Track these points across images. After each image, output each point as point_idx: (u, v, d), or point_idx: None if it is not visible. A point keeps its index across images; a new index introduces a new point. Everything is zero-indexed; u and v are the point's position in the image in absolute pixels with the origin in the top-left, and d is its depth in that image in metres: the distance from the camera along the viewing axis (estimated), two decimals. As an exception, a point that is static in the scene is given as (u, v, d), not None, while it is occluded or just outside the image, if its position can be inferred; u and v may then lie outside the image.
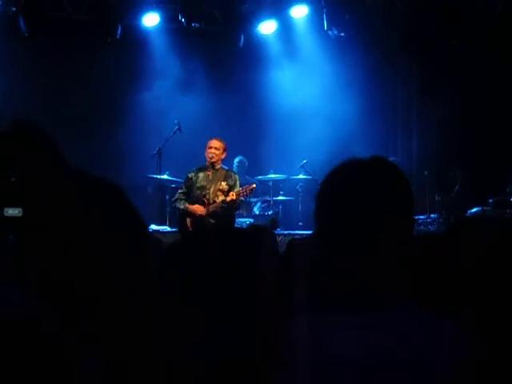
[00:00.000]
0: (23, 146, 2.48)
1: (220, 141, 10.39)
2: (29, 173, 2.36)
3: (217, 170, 10.35)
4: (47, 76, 12.54)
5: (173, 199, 10.63)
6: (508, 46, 12.03)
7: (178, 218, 10.40)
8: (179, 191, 10.49)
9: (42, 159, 2.45)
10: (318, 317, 1.78)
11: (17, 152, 2.45)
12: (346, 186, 1.86)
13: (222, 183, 10.23)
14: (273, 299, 3.18)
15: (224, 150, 10.38)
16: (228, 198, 10.04)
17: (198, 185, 10.27)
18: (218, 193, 10.18)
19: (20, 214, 2.27)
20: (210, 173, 10.34)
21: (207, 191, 10.22)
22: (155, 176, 11.34)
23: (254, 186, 10.52)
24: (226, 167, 10.64)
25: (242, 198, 10.33)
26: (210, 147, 10.30)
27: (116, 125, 12.64)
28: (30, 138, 2.50)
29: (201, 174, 10.34)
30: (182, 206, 10.25)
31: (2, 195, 2.35)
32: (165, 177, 11.35)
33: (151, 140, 11.91)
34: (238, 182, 10.37)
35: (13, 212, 2.29)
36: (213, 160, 10.26)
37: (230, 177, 10.38)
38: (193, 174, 10.37)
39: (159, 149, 11.39)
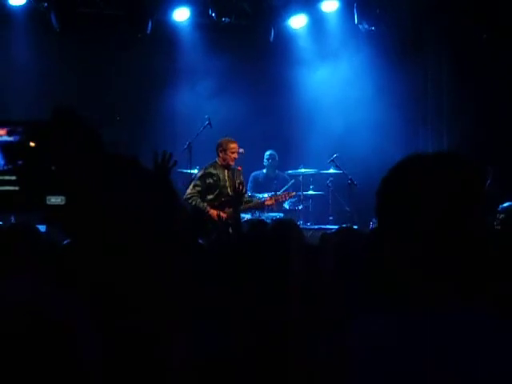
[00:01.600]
0: (63, 133, 2.49)
1: (237, 143, 10.44)
2: (70, 161, 2.38)
3: (230, 170, 10.42)
4: (78, 71, 12.61)
5: (186, 196, 10.26)
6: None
7: (196, 216, 10.27)
8: (195, 188, 10.27)
9: (83, 147, 2.47)
10: (378, 316, 1.74)
11: (57, 140, 2.47)
12: (411, 183, 1.78)
13: (237, 182, 10.25)
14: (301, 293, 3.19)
15: None
16: (267, 202, 10.05)
17: (222, 183, 10.26)
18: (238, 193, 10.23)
19: (62, 203, 2.29)
20: (227, 172, 10.36)
21: (228, 191, 10.19)
22: (186, 170, 11.37)
23: (294, 193, 10.57)
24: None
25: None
26: (235, 152, 10.34)
27: (146, 120, 12.72)
28: (70, 126, 2.52)
29: (219, 172, 10.31)
30: (200, 205, 10.08)
31: (45, 184, 2.37)
32: (195, 171, 11.37)
33: (182, 135, 11.95)
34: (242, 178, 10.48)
35: (55, 200, 2.31)
36: (233, 163, 10.32)
37: (240, 176, 10.44)
38: (211, 171, 10.34)
39: (189, 143, 11.42)
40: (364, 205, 11.83)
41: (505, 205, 11.20)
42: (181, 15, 12.88)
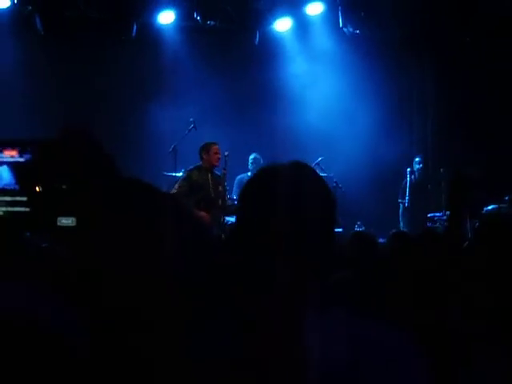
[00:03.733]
0: (75, 153, 2.48)
1: (218, 145, 10.51)
2: (82, 182, 2.36)
3: (213, 173, 10.48)
4: (62, 75, 12.56)
5: None
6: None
7: None
8: (180, 189, 10.25)
9: (95, 167, 2.46)
10: None
11: (69, 160, 2.45)
12: (263, 191, 1.85)
13: (219, 187, 10.34)
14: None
15: None
16: None
17: (205, 186, 10.30)
18: (218, 197, 10.29)
19: (73, 224, 2.28)
20: (210, 175, 10.40)
21: (209, 194, 10.27)
22: (171, 174, 11.35)
23: None
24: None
25: None
26: (217, 152, 10.42)
27: (131, 122, 12.68)
28: (83, 147, 2.51)
29: (202, 176, 10.36)
30: None
31: (56, 205, 2.35)
32: (180, 174, 11.36)
33: (167, 138, 11.92)
34: (224, 183, 10.53)
35: (66, 221, 2.29)
36: (217, 164, 10.37)
37: (222, 180, 10.49)
38: (195, 175, 10.37)
39: (174, 146, 11.41)
40: (348, 208, 11.86)
41: (489, 207, 11.26)
42: (166, 18, 12.85)
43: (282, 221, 1.78)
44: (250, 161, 12.23)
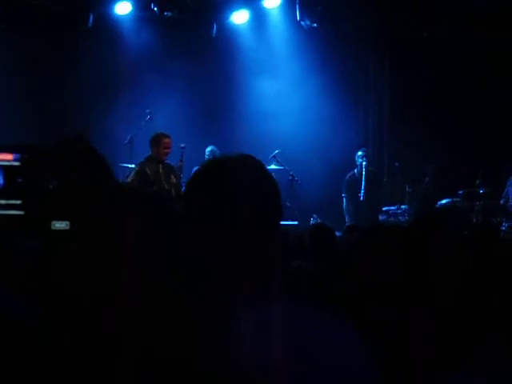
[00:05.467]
0: (70, 158, 2.49)
1: (170, 138, 10.37)
2: (76, 186, 2.37)
3: (164, 164, 10.35)
4: (21, 66, 12.46)
5: None
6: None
7: None
8: (131, 183, 10.07)
9: (89, 172, 2.47)
10: None
11: (63, 165, 2.46)
12: (209, 182, 1.89)
13: (171, 176, 10.24)
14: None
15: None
16: None
17: (153, 179, 10.18)
18: (171, 187, 10.20)
19: (67, 227, 2.29)
20: (161, 167, 10.28)
21: (162, 185, 10.16)
22: (127, 165, 11.30)
23: None
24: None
25: None
26: (168, 147, 10.25)
27: (87, 112, 12.60)
28: (78, 152, 2.52)
29: (154, 168, 10.22)
30: None
31: (50, 208, 2.36)
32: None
33: (123, 129, 11.86)
34: (178, 173, 10.45)
35: (60, 225, 2.30)
36: (165, 158, 10.28)
37: (174, 170, 10.39)
38: (146, 167, 10.24)
39: (131, 138, 11.37)
40: (305, 201, 11.92)
41: (443, 201, 11.41)
42: (123, 9, 12.76)
43: (228, 208, 1.81)
44: (207, 153, 12.20)
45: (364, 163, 11.94)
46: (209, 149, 12.21)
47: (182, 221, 1.93)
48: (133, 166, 11.12)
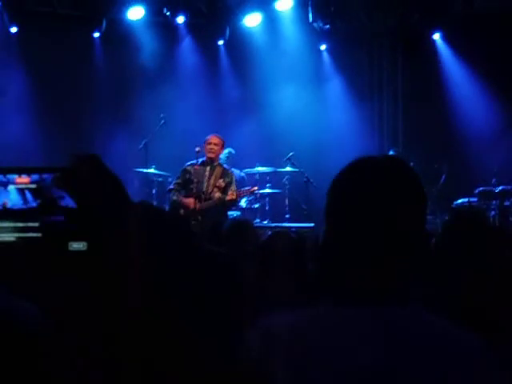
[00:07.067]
0: (87, 179, 2.49)
1: (219, 137, 10.29)
2: (94, 208, 2.37)
3: (215, 166, 10.23)
4: (33, 71, 12.49)
5: (168, 188, 10.46)
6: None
7: (171, 209, 10.22)
8: (176, 181, 10.27)
9: (105, 193, 2.48)
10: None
11: (80, 185, 2.46)
12: (360, 185, 1.80)
13: (219, 180, 10.15)
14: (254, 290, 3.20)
15: (222, 146, 10.35)
16: (228, 197, 9.99)
17: (195, 179, 10.12)
18: (215, 189, 10.12)
19: (85, 248, 2.29)
20: (207, 168, 10.24)
21: (204, 186, 10.12)
22: (142, 170, 11.32)
23: (256, 188, 10.58)
24: (226, 165, 10.59)
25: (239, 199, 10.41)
26: (210, 143, 10.19)
27: (103, 118, 12.62)
28: (96, 173, 2.53)
29: (199, 168, 10.20)
30: (175, 197, 10.12)
31: (68, 230, 2.36)
32: (151, 170, 11.34)
33: (138, 134, 11.89)
34: (234, 180, 10.33)
35: (77, 246, 2.30)
36: (211, 155, 10.17)
37: (227, 175, 10.29)
38: (190, 167, 10.23)
39: (146, 142, 11.39)
40: (320, 203, 11.86)
41: (458, 201, 11.36)
42: (135, 14, 12.79)
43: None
44: (225, 155, 12.20)
45: None
46: (226, 151, 12.19)
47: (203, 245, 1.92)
48: (147, 170, 11.20)
